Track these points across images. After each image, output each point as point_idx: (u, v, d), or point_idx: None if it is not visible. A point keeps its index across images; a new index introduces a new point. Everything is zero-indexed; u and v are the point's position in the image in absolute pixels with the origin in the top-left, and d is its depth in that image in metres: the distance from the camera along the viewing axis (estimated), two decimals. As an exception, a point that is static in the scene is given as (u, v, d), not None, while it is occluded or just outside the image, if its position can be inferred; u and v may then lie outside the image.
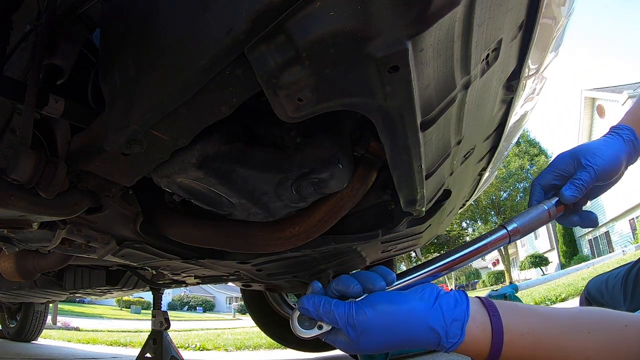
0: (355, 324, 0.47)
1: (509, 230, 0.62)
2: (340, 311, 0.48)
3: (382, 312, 0.48)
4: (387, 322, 0.47)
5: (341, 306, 0.49)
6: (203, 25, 0.45)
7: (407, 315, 0.47)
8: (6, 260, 1.17)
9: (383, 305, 0.48)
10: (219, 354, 3.51)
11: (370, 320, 0.47)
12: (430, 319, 0.47)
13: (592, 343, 0.46)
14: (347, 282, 0.52)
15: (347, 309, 0.49)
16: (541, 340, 0.47)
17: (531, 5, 0.60)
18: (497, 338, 0.47)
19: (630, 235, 14.81)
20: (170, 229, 0.91)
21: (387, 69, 0.43)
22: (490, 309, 0.50)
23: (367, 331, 0.47)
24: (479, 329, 0.48)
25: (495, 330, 0.47)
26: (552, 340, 0.47)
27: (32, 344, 3.72)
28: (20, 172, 0.58)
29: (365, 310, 0.48)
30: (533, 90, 0.97)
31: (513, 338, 0.47)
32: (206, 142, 0.64)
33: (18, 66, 0.67)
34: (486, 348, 0.48)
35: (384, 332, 0.47)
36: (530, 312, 0.51)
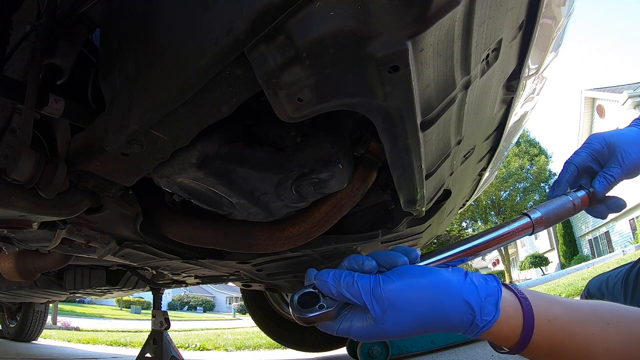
0: (383, 295, 0.41)
1: (532, 219, 0.59)
2: (364, 282, 0.41)
3: (413, 283, 0.42)
4: (419, 294, 0.41)
5: (365, 277, 0.42)
6: (203, 25, 0.45)
7: (441, 286, 0.42)
8: (6, 260, 1.17)
9: (413, 277, 0.43)
10: (219, 354, 3.51)
11: (400, 291, 0.41)
12: (465, 292, 0.43)
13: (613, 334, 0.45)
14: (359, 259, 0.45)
15: (373, 279, 0.42)
16: (567, 327, 0.45)
17: (531, 5, 0.60)
18: (528, 320, 0.44)
19: (630, 235, 14.81)
20: (170, 229, 0.91)
21: (387, 69, 0.43)
22: (517, 291, 0.47)
23: (395, 305, 0.41)
24: (511, 308, 0.45)
25: (526, 312, 0.44)
26: (577, 328, 0.45)
27: (32, 344, 3.72)
28: (20, 172, 0.58)
29: (395, 280, 0.42)
30: (533, 90, 0.97)
31: (542, 323, 0.44)
32: (206, 142, 0.64)
33: (18, 66, 0.67)
34: (517, 331, 0.45)
35: (415, 306, 0.41)
36: (553, 299, 0.49)
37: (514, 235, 0.58)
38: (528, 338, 0.44)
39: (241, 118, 0.68)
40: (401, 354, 1.86)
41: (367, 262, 0.45)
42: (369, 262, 0.45)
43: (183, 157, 0.64)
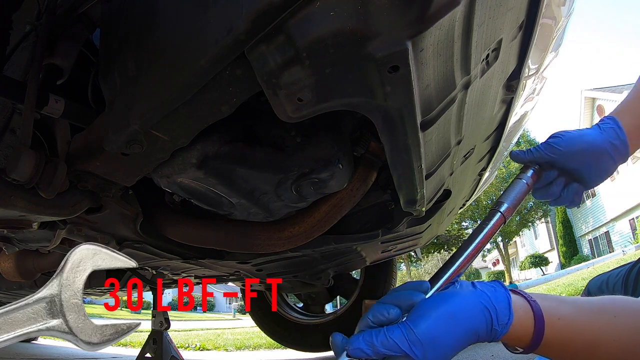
0: (419, 338, 0.43)
1: (503, 213, 0.64)
2: (396, 334, 0.43)
3: (438, 315, 0.45)
4: (448, 324, 0.44)
5: (394, 329, 0.44)
6: (203, 25, 0.45)
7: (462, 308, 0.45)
8: (6, 260, 1.17)
9: (435, 309, 0.45)
10: (219, 354, 3.51)
11: (432, 329, 0.44)
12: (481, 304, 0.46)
13: (620, 325, 0.48)
14: (382, 310, 0.47)
15: (404, 328, 0.44)
16: (575, 323, 0.48)
17: (531, 5, 0.60)
18: (539, 321, 0.47)
19: (630, 235, 14.82)
20: (170, 229, 0.91)
21: (387, 69, 0.43)
22: (524, 294, 0.50)
23: (432, 341, 0.43)
24: (522, 310, 0.48)
25: (536, 313, 0.48)
26: (585, 323, 0.48)
27: (32, 344, 3.72)
28: (20, 172, 0.58)
29: (422, 321, 0.44)
30: (533, 90, 0.97)
31: (552, 321, 0.47)
32: (206, 142, 0.64)
33: (18, 66, 0.67)
34: (529, 331, 0.48)
35: (449, 335, 0.44)
36: (560, 299, 0.52)
37: (493, 232, 0.62)
38: (540, 337, 0.47)
39: (241, 118, 0.68)
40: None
41: (392, 311, 0.47)
42: (394, 310, 0.47)
43: (183, 157, 0.64)
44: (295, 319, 2.29)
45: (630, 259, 4.10)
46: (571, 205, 0.72)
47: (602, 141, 0.66)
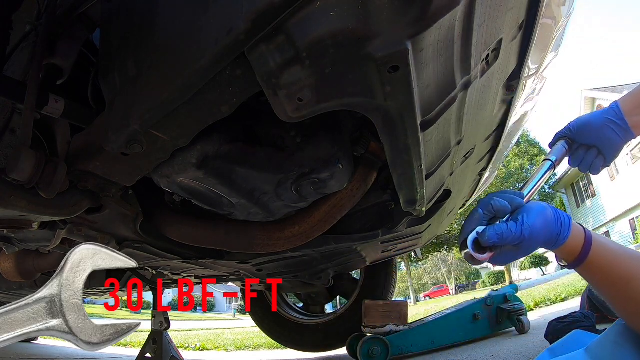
0: (530, 227, 0.61)
1: (554, 162, 0.79)
2: (516, 228, 0.61)
3: (539, 214, 0.62)
4: (544, 219, 0.62)
5: (514, 224, 0.61)
6: (203, 25, 0.45)
7: (550, 214, 0.63)
8: (6, 261, 1.17)
9: (538, 211, 0.63)
10: (219, 354, 3.51)
11: (536, 222, 0.62)
12: (555, 217, 0.63)
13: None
14: (502, 203, 0.64)
15: (521, 222, 0.61)
16: (616, 257, 0.62)
17: (531, 6, 0.60)
18: (587, 244, 0.62)
19: (630, 235, 14.80)
20: (170, 229, 0.91)
21: (387, 69, 0.43)
22: (582, 225, 0.65)
23: (536, 231, 0.61)
24: (577, 233, 0.63)
25: (587, 237, 0.63)
26: (623, 259, 0.61)
27: (32, 344, 3.72)
28: (20, 172, 0.58)
29: (531, 217, 0.62)
30: (533, 90, 0.97)
31: (596, 249, 0.62)
32: (206, 142, 0.64)
33: (18, 66, 0.67)
34: (578, 249, 0.62)
35: (544, 227, 0.62)
36: (607, 239, 0.66)
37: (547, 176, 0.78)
38: (584, 257, 0.62)
39: (241, 118, 0.68)
40: (401, 353, 1.86)
41: (508, 206, 0.64)
42: (507, 205, 0.64)
43: (183, 157, 0.64)
44: (295, 319, 2.29)
45: (630, 259, 4.07)
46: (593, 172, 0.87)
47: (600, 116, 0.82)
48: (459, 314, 2.02)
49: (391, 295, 2.20)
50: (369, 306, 1.88)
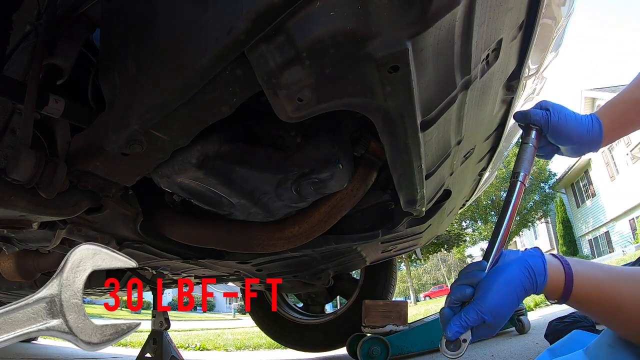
0: (488, 310, 0.59)
1: (522, 181, 0.72)
2: (472, 314, 0.60)
3: (496, 288, 0.60)
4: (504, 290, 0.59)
5: (470, 310, 0.60)
6: (203, 25, 0.45)
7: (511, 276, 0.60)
8: (6, 260, 1.17)
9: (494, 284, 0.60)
10: (219, 354, 3.51)
11: (494, 300, 0.59)
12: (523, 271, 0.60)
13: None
14: (459, 290, 0.63)
15: (476, 308, 0.59)
16: (602, 285, 0.60)
17: (531, 6, 0.60)
18: (568, 280, 0.60)
19: (630, 235, 14.78)
20: (170, 229, 0.91)
21: (387, 69, 0.43)
22: (561, 259, 0.62)
23: (497, 308, 0.59)
24: (555, 272, 0.61)
25: (567, 274, 0.60)
26: (611, 286, 0.59)
27: (32, 344, 3.71)
28: (20, 172, 0.58)
29: (487, 298, 0.59)
30: (533, 90, 0.97)
31: (580, 281, 0.60)
32: (206, 142, 0.64)
33: (18, 66, 0.67)
34: (560, 288, 0.60)
35: (507, 298, 0.59)
36: (591, 264, 0.63)
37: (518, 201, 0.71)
38: (569, 293, 0.60)
39: (241, 118, 0.68)
40: (401, 353, 1.86)
41: (467, 290, 0.63)
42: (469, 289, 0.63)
43: (183, 157, 0.64)
44: (295, 319, 2.29)
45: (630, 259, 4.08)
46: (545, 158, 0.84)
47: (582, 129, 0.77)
48: (459, 314, 2.01)
49: (391, 295, 2.20)
50: (369, 306, 1.88)
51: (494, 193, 18.14)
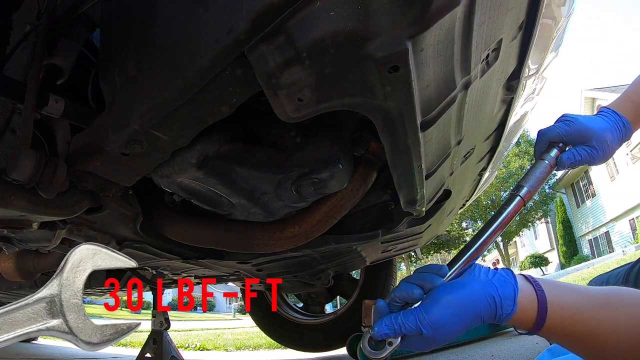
0: (429, 324, 0.51)
1: (522, 197, 0.65)
2: (411, 320, 0.52)
3: (448, 303, 0.52)
4: (455, 309, 0.52)
5: (410, 315, 0.53)
6: (203, 25, 0.45)
7: (470, 297, 0.53)
8: (6, 260, 1.17)
9: (447, 297, 0.53)
10: (219, 354, 3.51)
11: (441, 314, 0.52)
12: (488, 296, 0.53)
13: (621, 318, 0.52)
14: (408, 289, 0.56)
15: (417, 315, 0.52)
16: (578, 313, 0.53)
17: (531, 6, 0.60)
18: (542, 310, 0.53)
19: (630, 235, 14.79)
20: (170, 229, 0.91)
21: (387, 69, 0.43)
22: (534, 284, 0.55)
23: (441, 325, 0.51)
24: (527, 301, 0.53)
25: (540, 303, 0.53)
26: (587, 314, 0.53)
27: (32, 344, 3.71)
28: (20, 172, 0.58)
29: (433, 309, 0.52)
30: (533, 90, 0.97)
31: (555, 310, 0.53)
32: (206, 142, 0.64)
33: (18, 66, 0.67)
34: (532, 318, 0.53)
35: (455, 319, 0.52)
36: (568, 288, 0.57)
37: (512, 217, 0.64)
38: (541, 324, 0.53)
39: (241, 118, 0.68)
40: (401, 354, 1.86)
41: (415, 291, 0.55)
42: (417, 290, 0.56)
43: (183, 157, 0.64)
44: (295, 319, 2.29)
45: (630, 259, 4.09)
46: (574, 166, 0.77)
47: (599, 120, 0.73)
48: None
49: (391, 295, 2.20)
50: (368, 306, 1.88)
51: (494, 193, 18.14)
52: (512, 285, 0.54)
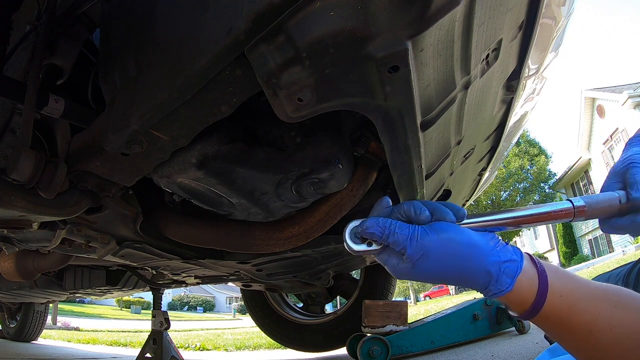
0: (418, 245, 0.48)
1: (575, 206, 0.58)
2: (404, 233, 0.48)
3: (448, 239, 0.48)
4: (450, 250, 0.48)
5: (406, 228, 0.49)
6: (203, 25, 0.45)
7: (470, 249, 0.49)
8: (6, 260, 1.17)
9: (450, 234, 0.49)
10: (219, 354, 3.51)
11: (435, 243, 0.48)
12: (488, 261, 0.49)
13: (618, 317, 0.49)
14: (418, 207, 0.51)
15: (412, 230, 0.49)
16: (576, 304, 0.49)
17: (531, 5, 0.60)
18: (540, 296, 0.49)
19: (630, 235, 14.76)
20: (170, 229, 0.91)
21: (387, 69, 0.43)
22: (539, 267, 0.51)
23: (428, 254, 0.48)
24: (526, 283, 0.50)
25: (540, 289, 0.49)
26: (585, 306, 0.49)
27: (32, 344, 3.71)
28: (20, 172, 0.58)
29: (431, 234, 0.48)
30: (533, 90, 0.97)
31: (553, 298, 0.49)
32: (206, 142, 0.64)
33: (18, 66, 0.67)
34: (527, 303, 0.50)
35: (444, 259, 0.48)
36: (569, 277, 0.53)
37: (553, 217, 0.59)
38: (537, 311, 0.49)
39: (241, 118, 0.68)
40: (401, 354, 1.86)
41: (425, 213, 0.51)
42: (425, 213, 0.51)
43: (183, 157, 0.64)
44: (295, 319, 2.29)
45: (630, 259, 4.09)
46: None
47: None
48: (459, 314, 2.02)
49: (391, 295, 2.20)
50: (369, 306, 1.88)
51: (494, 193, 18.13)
52: (516, 263, 0.50)
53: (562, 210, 0.59)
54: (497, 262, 0.49)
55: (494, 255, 0.49)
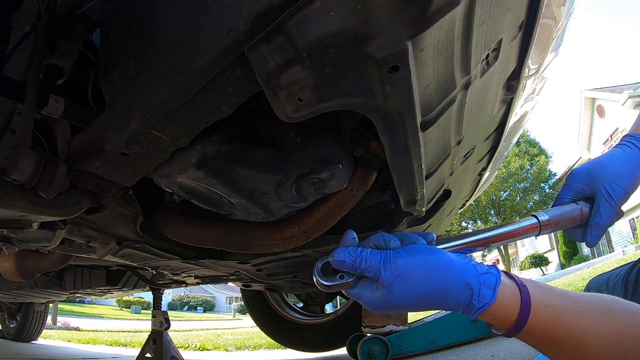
0: (392, 267, 0.46)
1: (540, 221, 0.60)
2: (376, 257, 0.47)
3: (422, 259, 0.47)
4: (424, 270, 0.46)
5: (377, 253, 0.48)
6: (203, 25, 0.45)
7: (446, 265, 0.47)
8: (6, 260, 1.17)
9: (422, 255, 0.48)
10: (219, 354, 3.51)
11: (408, 265, 0.46)
12: (466, 274, 0.47)
13: (606, 325, 0.48)
14: (386, 236, 0.50)
15: (385, 254, 0.48)
16: (561, 315, 0.48)
17: (531, 5, 0.60)
18: (525, 306, 0.47)
19: (630, 235, 14.79)
20: (170, 229, 0.91)
21: (387, 69, 0.43)
22: (517, 281, 0.51)
23: (402, 276, 0.46)
24: (509, 294, 0.48)
25: (523, 298, 0.48)
26: (571, 316, 0.48)
27: (32, 344, 3.71)
28: (20, 172, 0.58)
29: (404, 256, 0.47)
30: (533, 90, 0.97)
31: (538, 309, 0.48)
32: (206, 142, 0.64)
33: (18, 66, 0.67)
34: (513, 315, 0.48)
35: (419, 280, 0.46)
36: (551, 289, 0.52)
37: (520, 234, 0.60)
38: (523, 322, 0.47)
39: (241, 118, 0.68)
40: (401, 354, 1.86)
41: (392, 241, 0.50)
42: (394, 241, 0.50)
43: (183, 157, 0.64)
44: (295, 318, 2.29)
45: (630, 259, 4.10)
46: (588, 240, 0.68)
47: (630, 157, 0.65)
48: (459, 314, 2.02)
49: (391, 295, 2.20)
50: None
51: (493, 193, 18.14)
52: (494, 274, 0.49)
53: (528, 226, 0.60)
54: (475, 274, 0.48)
55: (470, 269, 0.48)
